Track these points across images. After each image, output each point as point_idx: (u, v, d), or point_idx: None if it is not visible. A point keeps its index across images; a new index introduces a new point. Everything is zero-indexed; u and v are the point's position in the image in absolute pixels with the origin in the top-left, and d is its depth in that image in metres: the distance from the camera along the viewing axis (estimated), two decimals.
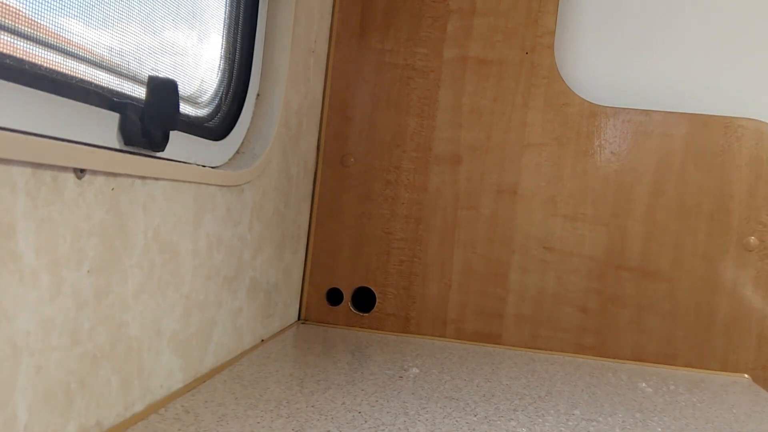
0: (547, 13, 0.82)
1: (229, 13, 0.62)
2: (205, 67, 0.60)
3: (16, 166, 0.30)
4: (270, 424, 0.43)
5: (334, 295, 0.84)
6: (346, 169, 0.83)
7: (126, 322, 0.40)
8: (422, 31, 0.82)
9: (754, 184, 0.79)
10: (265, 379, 0.54)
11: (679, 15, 0.85)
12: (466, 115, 0.82)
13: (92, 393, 0.37)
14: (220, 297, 0.55)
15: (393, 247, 0.82)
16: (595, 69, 0.86)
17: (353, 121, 0.83)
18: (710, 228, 0.79)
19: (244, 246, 0.60)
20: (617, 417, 0.53)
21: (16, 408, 0.31)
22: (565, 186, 0.81)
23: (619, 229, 0.80)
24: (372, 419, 0.46)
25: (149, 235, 0.42)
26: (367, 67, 0.83)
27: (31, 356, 0.32)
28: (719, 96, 0.84)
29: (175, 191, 0.45)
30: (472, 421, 0.48)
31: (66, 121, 0.38)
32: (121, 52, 0.44)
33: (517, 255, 0.81)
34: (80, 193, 0.35)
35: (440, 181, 0.82)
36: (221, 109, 0.62)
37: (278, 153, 0.68)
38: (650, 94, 0.85)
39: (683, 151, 0.80)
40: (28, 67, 0.34)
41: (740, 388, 0.72)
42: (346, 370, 0.59)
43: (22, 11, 0.34)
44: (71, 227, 0.34)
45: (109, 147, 0.41)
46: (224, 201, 0.54)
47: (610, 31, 0.86)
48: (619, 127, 0.81)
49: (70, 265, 0.34)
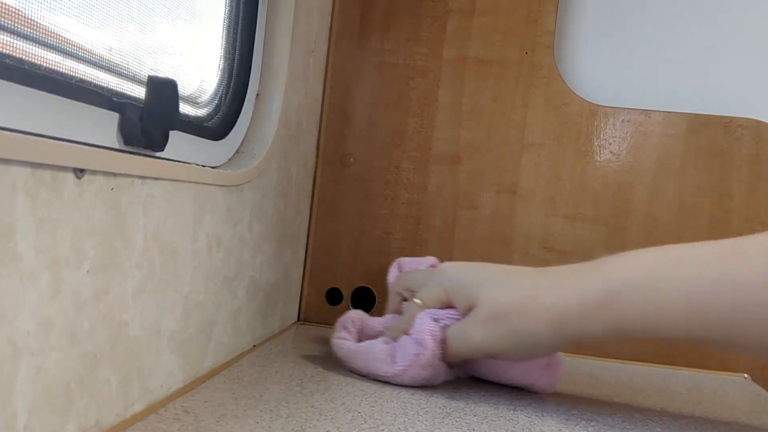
0: (547, 13, 0.82)
1: (228, 13, 0.62)
2: (205, 66, 0.60)
3: (15, 166, 0.30)
4: (270, 424, 0.43)
5: (334, 295, 0.83)
6: (346, 168, 0.83)
7: (126, 322, 0.40)
8: (422, 31, 0.82)
9: (754, 184, 0.79)
10: (264, 379, 0.54)
11: (680, 15, 0.85)
12: (465, 115, 0.82)
13: (92, 393, 0.37)
14: (220, 297, 0.55)
15: (393, 247, 0.82)
16: (595, 69, 0.86)
17: (353, 120, 0.83)
18: (710, 228, 0.79)
19: (244, 246, 0.60)
20: (617, 417, 0.53)
21: (15, 408, 0.31)
22: (565, 186, 0.81)
23: (619, 228, 0.80)
24: (372, 419, 0.46)
25: (149, 235, 0.42)
26: (366, 67, 0.83)
27: (31, 356, 0.32)
28: (719, 96, 0.84)
29: (174, 191, 0.45)
30: (472, 421, 0.48)
31: (65, 120, 0.38)
32: (121, 51, 0.44)
33: (516, 255, 0.81)
34: (80, 193, 0.35)
35: (440, 180, 0.82)
36: (221, 109, 0.62)
37: (278, 153, 0.68)
38: (650, 94, 0.85)
39: (683, 151, 0.80)
40: (27, 66, 0.34)
41: (740, 388, 0.72)
42: (346, 370, 0.59)
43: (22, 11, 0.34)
44: (71, 227, 0.34)
45: (108, 147, 0.41)
46: (224, 201, 0.54)
47: (610, 31, 0.86)
48: (618, 127, 0.81)
49: (70, 264, 0.34)
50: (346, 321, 0.62)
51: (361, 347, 0.58)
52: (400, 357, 0.56)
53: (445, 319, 0.57)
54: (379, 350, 0.57)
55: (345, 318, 0.62)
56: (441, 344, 0.55)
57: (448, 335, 0.56)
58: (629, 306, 0.49)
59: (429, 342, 0.55)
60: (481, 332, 0.54)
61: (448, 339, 0.56)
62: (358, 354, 0.58)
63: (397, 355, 0.56)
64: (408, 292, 0.62)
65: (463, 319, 0.56)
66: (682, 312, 0.48)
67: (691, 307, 0.47)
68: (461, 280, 0.57)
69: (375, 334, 0.62)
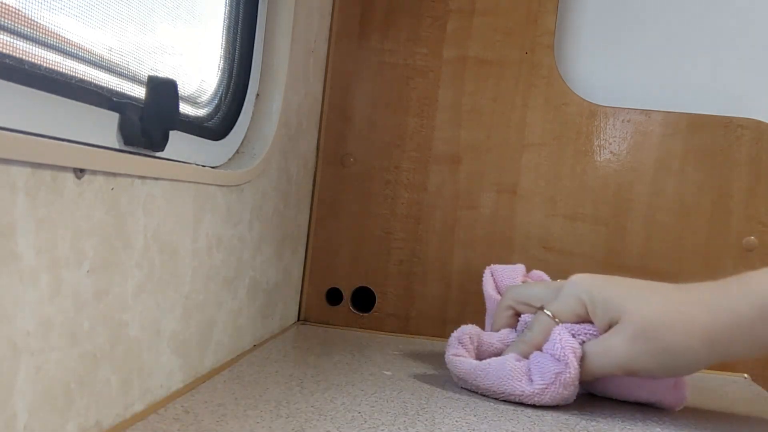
0: (547, 13, 0.82)
1: (228, 13, 0.62)
2: (205, 66, 0.60)
3: (15, 166, 0.30)
4: (270, 425, 0.43)
5: (334, 295, 0.83)
6: (346, 168, 0.83)
7: (126, 322, 0.40)
8: (422, 31, 0.82)
9: (754, 184, 0.79)
10: (264, 379, 0.54)
11: (680, 15, 0.85)
12: (465, 115, 0.82)
13: (92, 393, 0.37)
14: (220, 297, 0.55)
15: (393, 247, 0.82)
16: (595, 69, 0.86)
17: (353, 120, 0.83)
18: (710, 228, 0.79)
19: (244, 246, 0.60)
20: (617, 417, 0.53)
21: (15, 408, 0.31)
22: (565, 185, 0.81)
23: (619, 228, 0.80)
24: (372, 419, 0.46)
25: (149, 235, 0.42)
26: (366, 67, 0.83)
27: (31, 356, 0.32)
28: (719, 96, 0.84)
29: (174, 191, 0.45)
30: (472, 421, 0.48)
31: (65, 120, 0.38)
32: (121, 51, 0.44)
33: (516, 255, 0.81)
34: (80, 193, 0.35)
35: (440, 180, 0.82)
36: (221, 109, 0.62)
37: (278, 153, 0.68)
38: (650, 94, 0.85)
39: (683, 151, 0.80)
40: (27, 66, 0.34)
41: (740, 388, 0.72)
42: (346, 370, 0.59)
43: (22, 11, 0.34)
44: (71, 227, 0.34)
45: (108, 147, 0.41)
46: (224, 201, 0.54)
47: (610, 30, 0.86)
48: (618, 127, 0.81)
49: (70, 264, 0.34)
50: (462, 337, 0.57)
51: (489, 365, 0.54)
52: (538, 375, 0.52)
53: (583, 335, 0.54)
54: (513, 368, 0.53)
55: (460, 333, 0.58)
56: (580, 362, 0.52)
57: (587, 351, 0.53)
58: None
59: (572, 359, 0.51)
60: (627, 348, 0.52)
61: (587, 355, 0.52)
62: (489, 371, 0.54)
63: (534, 372, 0.53)
64: (524, 305, 0.59)
65: (603, 334, 0.53)
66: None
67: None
68: (603, 293, 0.53)
69: (493, 351, 0.58)
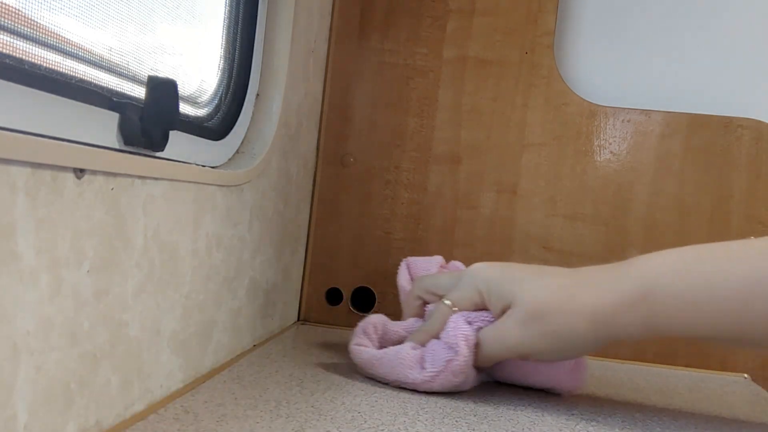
0: (547, 13, 0.82)
1: (228, 13, 0.62)
2: (205, 66, 0.60)
3: (15, 166, 0.30)
4: (270, 425, 0.43)
5: (334, 295, 0.83)
6: (346, 168, 0.83)
7: (126, 322, 0.40)
8: (422, 31, 0.82)
9: (754, 184, 0.79)
10: (264, 379, 0.54)
11: (680, 15, 0.85)
12: (465, 115, 0.82)
13: (92, 393, 0.37)
14: (220, 297, 0.55)
15: (393, 247, 0.82)
16: (595, 69, 0.86)
17: (353, 121, 0.83)
18: (710, 228, 0.79)
19: (244, 246, 0.60)
20: (617, 417, 0.53)
21: (15, 408, 0.31)
22: (565, 185, 0.81)
23: (619, 228, 0.80)
24: (372, 419, 0.46)
25: (149, 235, 0.42)
26: (366, 67, 0.83)
27: (31, 356, 0.32)
28: (719, 96, 0.84)
29: (174, 191, 0.45)
30: (472, 421, 0.48)
31: (65, 120, 0.38)
32: (121, 51, 0.44)
33: (516, 255, 0.81)
34: (80, 193, 0.35)
35: (440, 180, 0.82)
36: (221, 109, 0.62)
37: (278, 153, 0.68)
38: (650, 94, 0.85)
39: (683, 151, 0.80)
40: (27, 66, 0.34)
41: (740, 388, 0.72)
42: (346, 370, 0.59)
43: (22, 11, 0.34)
44: (71, 227, 0.34)
45: (108, 147, 0.41)
46: (224, 201, 0.54)
47: (610, 31, 0.86)
48: (618, 127, 0.81)
49: (70, 264, 0.34)
50: (366, 326, 0.58)
51: (386, 353, 0.55)
52: (430, 362, 0.53)
53: (479, 321, 0.54)
54: (407, 356, 0.54)
55: (365, 323, 0.59)
56: (474, 348, 0.53)
57: (481, 337, 0.54)
58: (663, 303, 0.49)
59: (462, 347, 0.52)
60: (519, 332, 0.52)
61: (482, 341, 0.54)
62: (383, 360, 0.55)
63: (426, 360, 0.53)
64: (430, 295, 0.60)
65: (497, 320, 0.54)
66: (717, 308, 0.48)
67: (728, 302, 0.47)
68: (497, 280, 0.54)
69: (398, 339, 0.58)
